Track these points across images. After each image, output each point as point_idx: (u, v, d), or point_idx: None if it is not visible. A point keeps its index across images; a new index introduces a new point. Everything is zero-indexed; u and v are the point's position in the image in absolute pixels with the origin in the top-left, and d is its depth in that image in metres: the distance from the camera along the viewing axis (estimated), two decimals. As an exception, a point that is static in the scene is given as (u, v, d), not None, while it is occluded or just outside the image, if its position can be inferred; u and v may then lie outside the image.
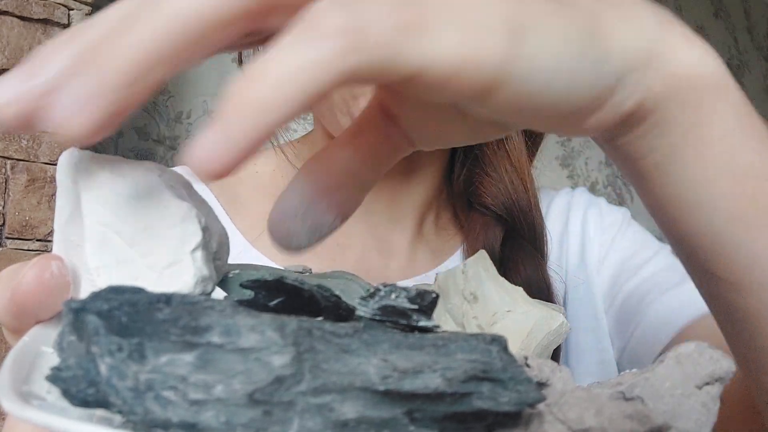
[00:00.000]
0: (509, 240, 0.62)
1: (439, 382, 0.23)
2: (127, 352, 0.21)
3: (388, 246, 0.65)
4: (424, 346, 0.24)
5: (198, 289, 0.28)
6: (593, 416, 0.24)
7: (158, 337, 0.22)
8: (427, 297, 0.27)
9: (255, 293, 0.26)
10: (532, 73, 0.24)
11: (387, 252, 0.65)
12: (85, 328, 0.22)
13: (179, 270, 0.28)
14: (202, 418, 0.21)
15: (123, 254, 0.27)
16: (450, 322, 0.35)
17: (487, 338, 0.25)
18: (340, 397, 0.22)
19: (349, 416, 0.22)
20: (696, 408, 0.27)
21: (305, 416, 0.22)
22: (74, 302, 0.23)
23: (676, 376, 0.28)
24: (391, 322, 0.27)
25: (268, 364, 0.21)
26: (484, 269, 0.35)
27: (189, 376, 0.21)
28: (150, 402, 0.21)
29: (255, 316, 0.23)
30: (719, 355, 0.28)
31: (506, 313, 0.34)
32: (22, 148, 1.23)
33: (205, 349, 0.22)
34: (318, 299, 0.27)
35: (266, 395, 0.21)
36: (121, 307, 0.22)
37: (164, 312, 0.22)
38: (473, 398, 0.23)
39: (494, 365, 0.24)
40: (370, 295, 0.27)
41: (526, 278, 0.59)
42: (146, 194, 0.28)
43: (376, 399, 0.22)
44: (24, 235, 1.22)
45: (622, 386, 0.28)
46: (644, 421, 0.23)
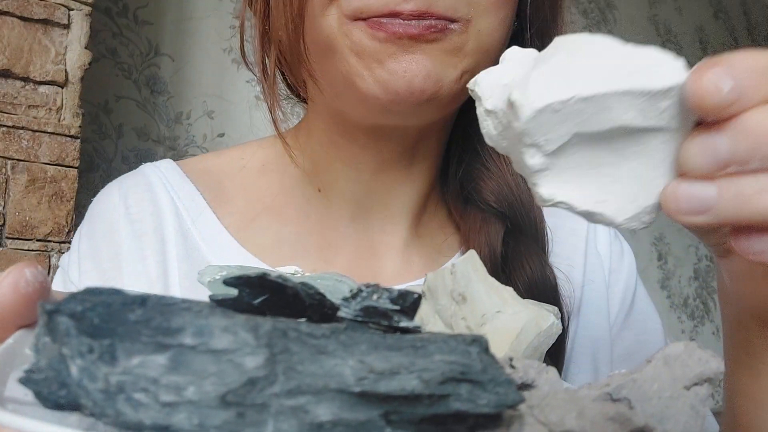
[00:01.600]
0: (510, 237, 0.60)
1: (415, 383, 0.22)
2: (98, 354, 0.21)
3: (382, 247, 0.63)
4: (402, 347, 0.23)
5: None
6: (574, 418, 0.23)
7: (130, 339, 0.21)
8: (409, 298, 0.26)
9: (239, 291, 0.26)
10: None
11: (381, 253, 0.63)
12: (58, 330, 0.22)
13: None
14: (174, 420, 0.21)
15: None
16: (439, 323, 0.35)
17: (467, 339, 0.24)
18: (315, 399, 0.22)
19: (325, 418, 0.21)
20: (684, 410, 0.27)
21: (280, 418, 0.21)
22: (48, 304, 0.23)
23: (664, 378, 0.27)
24: (373, 323, 0.26)
25: (241, 366, 0.21)
26: (473, 269, 0.35)
27: (160, 377, 0.21)
28: (121, 404, 0.21)
29: (229, 317, 0.22)
30: (708, 355, 0.28)
31: (496, 313, 0.34)
32: (22, 148, 1.23)
33: (177, 351, 0.21)
34: (302, 297, 0.26)
35: (239, 397, 0.21)
36: (94, 308, 0.22)
37: (137, 313, 0.22)
38: (451, 400, 0.23)
39: (473, 367, 0.23)
40: (353, 296, 0.27)
41: (531, 277, 0.58)
42: None
43: (352, 401, 0.22)
44: (24, 235, 1.22)
45: (610, 387, 0.28)
46: (626, 423, 0.23)
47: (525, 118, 0.31)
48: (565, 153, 0.32)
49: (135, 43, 1.65)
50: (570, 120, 0.31)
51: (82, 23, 1.30)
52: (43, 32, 1.26)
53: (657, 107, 0.31)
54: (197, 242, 0.61)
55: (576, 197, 0.33)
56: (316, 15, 0.53)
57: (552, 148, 0.32)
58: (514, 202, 0.61)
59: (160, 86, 1.67)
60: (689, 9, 3.06)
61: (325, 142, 0.62)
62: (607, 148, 0.32)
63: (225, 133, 1.74)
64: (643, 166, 0.33)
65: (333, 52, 0.53)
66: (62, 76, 1.27)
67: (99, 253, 0.61)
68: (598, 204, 0.33)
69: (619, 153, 0.33)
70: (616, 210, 0.33)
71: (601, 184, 0.33)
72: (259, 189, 0.66)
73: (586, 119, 0.31)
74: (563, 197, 0.33)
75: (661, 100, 0.31)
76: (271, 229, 0.63)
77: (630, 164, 0.33)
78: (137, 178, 0.65)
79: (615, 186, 0.33)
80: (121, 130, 1.62)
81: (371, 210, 0.63)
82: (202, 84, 1.72)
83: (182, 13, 1.72)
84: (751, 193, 0.28)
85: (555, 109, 0.31)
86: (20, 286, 0.27)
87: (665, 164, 0.32)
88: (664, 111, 0.31)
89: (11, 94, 1.23)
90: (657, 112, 0.31)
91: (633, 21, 2.79)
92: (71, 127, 1.28)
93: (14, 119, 1.22)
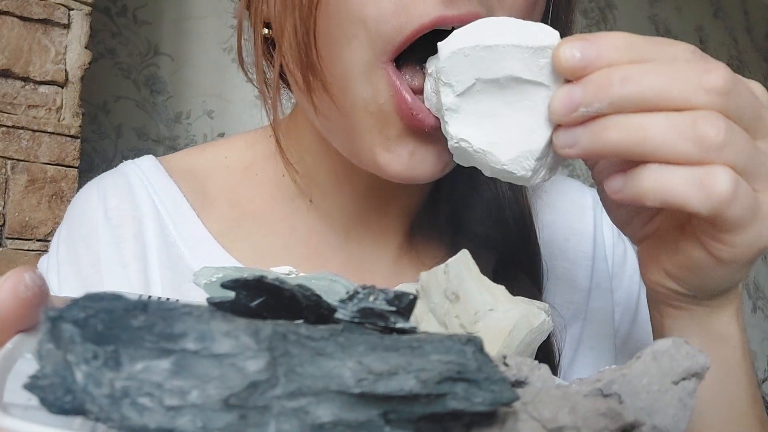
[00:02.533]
0: (501, 270, 0.58)
1: (413, 383, 0.23)
2: (103, 360, 0.22)
3: (373, 259, 0.61)
4: (399, 347, 0.24)
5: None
6: (567, 414, 0.24)
7: (134, 344, 0.22)
8: (405, 299, 0.27)
9: (236, 294, 0.26)
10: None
11: (371, 265, 0.61)
12: (62, 337, 0.22)
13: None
14: (178, 423, 0.21)
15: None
16: (433, 321, 0.35)
17: (463, 339, 0.25)
18: (315, 400, 0.22)
19: (325, 419, 0.22)
20: (672, 403, 0.27)
21: (281, 420, 0.22)
22: (51, 311, 0.23)
23: (652, 372, 0.28)
24: (370, 324, 0.27)
25: (243, 369, 0.22)
26: (466, 268, 0.36)
27: (164, 382, 0.21)
28: (126, 408, 0.21)
29: (230, 321, 0.23)
30: (695, 350, 0.28)
31: (488, 311, 0.35)
32: (22, 149, 1.23)
33: (180, 356, 0.22)
34: (299, 299, 0.27)
35: (241, 400, 0.22)
36: (97, 315, 0.23)
37: (140, 319, 0.23)
38: (448, 399, 0.23)
39: (469, 366, 0.24)
40: (349, 298, 0.28)
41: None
42: None
43: (351, 401, 0.23)
44: (24, 236, 1.23)
45: (601, 383, 0.29)
46: (617, 418, 0.24)
47: (443, 57, 0.41)
48: (470, 98, 0.42)
49: (134, 43, 1.65)
50: (475, 66, 0.41)
51: (82, 23, 1.30)
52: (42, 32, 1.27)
53: (537, 63, 0.40)
54: (180, 249, 0.58)
55: (474, 137, 0.42)
56: (339, 39, 0.47)
57: (461, 89, 0.42)
58: (509, 235, 0.60)
59: (160, 86, 1.67)
60: (689, 8, 3.06)
61: (319, 153, 0.59)
62: (502, 99, 0.41)
63: (225, 132, 1.75)
64: (528, 117, 0.41)
65: (343, 93, 0.49)
66: (62, 76, 1.28)
67: (78, 259, 0.58)
68: (490, 144, 0.42)
69: (511, 105, 0.41)
70: (503, 151, 0.42)
71: (495, 129, 0.42)
72: (244, 193, 0.62)
73: (486, 66, 0.41)
74: (465, 135, 0.42)
75: (539, 57, 0.40)
76: (257, 237, 0.60)
77: (518, 115, 0.41)
78: (117, 179, 0.61)
79: (505, 132, 0.42)
80: (121, 130, 1.62)
81: (364, 222, 0.61)
82: (202, 84, 1.72)
83: (181, 13, 1.72)
84: (598, 130, 0.38)
85: (465, 53, 0.41)
86: (19, 290, 0.27)
87: (544, 117, 0.41)
88: (542, 68, 0.40)
89: (11, 94, 1.23)
90: (537, 67, 0.40)
91: (633, 20, 2.79)
92: (71, 127, 1.29)
93: (14, 119, 1.23)
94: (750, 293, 3.15)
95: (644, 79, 0.37)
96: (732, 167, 0.36)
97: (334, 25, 0.47)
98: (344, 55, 0.47)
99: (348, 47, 0.47)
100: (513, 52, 0.40)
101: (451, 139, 0.43)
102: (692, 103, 0.36)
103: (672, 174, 0.37)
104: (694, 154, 0.36)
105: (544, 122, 0.41)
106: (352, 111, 0.49)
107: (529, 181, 0.42)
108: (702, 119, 0.36)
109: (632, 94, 0.37)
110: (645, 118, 0.37)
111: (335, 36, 0.47)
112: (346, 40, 0.47)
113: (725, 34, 3.22)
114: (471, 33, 0.41)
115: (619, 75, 0.37)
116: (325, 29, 0.48)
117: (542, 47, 0.39)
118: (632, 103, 0.37)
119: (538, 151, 0.41)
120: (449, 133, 0.43)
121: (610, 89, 0.37)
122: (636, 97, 0.37)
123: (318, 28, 0.48)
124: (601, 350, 0.64)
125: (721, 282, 0.43)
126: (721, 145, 0.36)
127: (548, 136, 0.41)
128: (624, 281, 0.67)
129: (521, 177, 0.42)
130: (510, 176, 0.42)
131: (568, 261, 0.65)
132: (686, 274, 0.43)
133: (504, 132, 0.42)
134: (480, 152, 0.42)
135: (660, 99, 0.37)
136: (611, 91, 0.37)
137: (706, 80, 0.36)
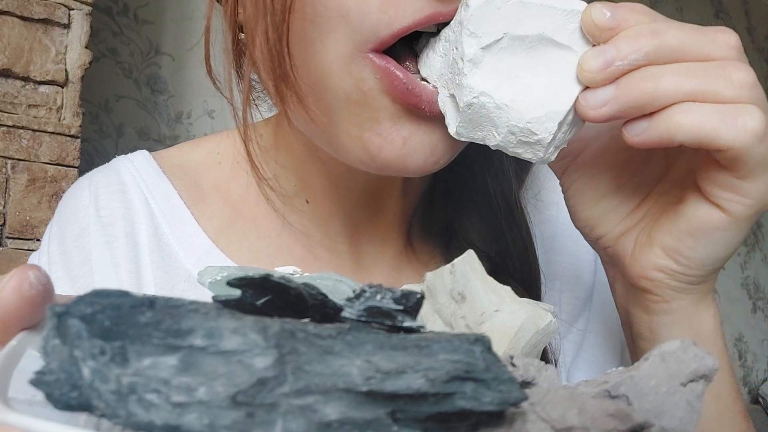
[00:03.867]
0: (496, 279, 0.57)
1: (421, 382, 0.23)
2: (110, 356, 0.22)
3: (369, 263, 0.61)
4: (407, 346, 0.24)
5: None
6: (576, 415, 0.24)
7: (141, 341, 0.22)
8: (412, 298, 0.27)
9: (242, 292, 0.26)
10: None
11: (368, 269, 0.60)
12: (68, 332, 0.22)
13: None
14: (185, 420, 0.21)
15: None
16: (439, 322, 0.35)
17: (471, 338, 0.25)
18: (323, 399, 0.22)
19: (332, 417, 0.22)
20: (680, 405, 0.27)
21: (288, 417, 0.22)
22: (58, 306, 0.23)
23: (660, 374, 0.28)
24: (377, 323, 0.27)
25: (251, 367, 0.22)
26: (471, 269, 0.35)
27: (171, 378, 0.21)
28: (133, 405, 0.21)
29: (238, 319, 0.23)
30: (703, 352, 0.28)
31: (494, 312, 0.35)
32: (23, 148, 1.23)
33: (187, 352, 0.22)
34: (305, 297, 0.27)
35: (249, 397, 0.21)
36: (104, 311, 0.23)
37: (147, 315, 0.22)
38: (456, 398, 0.23)
39: (477, 365, 0.24)
40: (356, 296, 0.27)
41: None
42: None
43: (359, 400, 0.22)
44: (24, 235, 1.23)
45: (608, 384, 0.29)
46: (626, 419, 0.24)
47: (475, 5, 0.40)
48: (494, 53, 0.41)
49: (135, 43, 1.65)
50: (506, 19, 0.40)
51: (83, 22, 1.30)
52: (43, 32, 1.27)
53: (568, 27, 0.40)
54: (173, 248, 0.57)
55: (495, 91, 0.41)
56: (313, 39, 0.45)
57: (487, 42, 0.40)
58: (505, 247, 0.58)
59: (161, 85, 1.67)
60: (690, 9, 3.06)
61: (309, 157, 0.57)
62: (526, 59, 0.41)
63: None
64: (553, 80, 0.41)
65: (322, 93, 0.46)
66: (62, 76, 1.28)
67: (70, 258, 0.57)
68: (513, 101, 0.41)
69: (534, 67, 0.41)
70: (525, 108, 0.41)
71: (518, 87, 0.41)
72: (237, 191, 0.61)
73: (517, 23, 0.40)
74: (485, 89, 0.41)
75: (570, 21, 0.40)
76: (251, 238, 0.59)
77: (541, 77, 0.41)
78: (109, 176, 0.60)
79: (529, 91, 0.41)
80: (122, 129, 1.62)
81: (360, 225, 0.60)
82: (203, 83, 1.72)
83: (183, 12, 1.72)
84: (634, 81, 0.39)
85: (498, 5, 0.40)
86: (24, 288, 0.27)
87: (570, 81, 0.41)
88: (573, 32, 0.40)
89: (11, 93, 1.23)
90: (568, 31, 0.40)
91: (633, 19, 2.78)
92: (71, 126, 1.29)
93: (14, 119, 1.23)
94: (750, 293, 3.15)
95: (670, 33, 0.39)
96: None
97: (309, 25, 0.44)
98: (319, 55, 0.45)
99: (323, 45, 0.44)
100: (546, 11, 0.40)
101: (469, 93, 0.41)
102: (716, 54, 0.40)
103: (705, 109, 0.38)
104: (728, 92, 0.38)
105: (569, 85, 0.41)
106: (334, 108, 0.46)
107: (544, 149, 0.42)
108: (730, 65, 0.39)
109: (664, 44, 0.39)
110: (677, 65, 0.39)
111: (310, 37, 0.45)
112: (321, 38, 0.44)
113: (726, 34, 3.23)
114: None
115: (649, 28, 0.39)
116: (299, 31, 0.45)
117: (574, 11, 0.40)
118: (665, 53, 0.39)
119: (563, 114, 0.41)
120: (468, 86, 0.41)
121: (644, 39, 0.39)
122: (667, 47, 0.39)
123: (291, 33, 0.45)
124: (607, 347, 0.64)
125: (722, 249, 0.44)
126: (752, 84, 0.39)
127: (573, 100, 0.41)
128: None
129: (539, 140, 0.41)
130: (528, 138, 0.41)
131: (572, 256, 0.65)
132: (690, 243, 0.44)
133: (527, 92, 0.41)
134: (503, 107, 0.41)
135: (688, 50, 0.39)
136: (646, 41, 0.39)
137: (720, 37, 0.40)
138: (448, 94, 0.44)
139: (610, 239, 0.49)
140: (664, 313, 0.47)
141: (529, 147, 0.42)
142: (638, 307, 0.49)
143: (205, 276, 0.39)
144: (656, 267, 0.46)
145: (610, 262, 0.51)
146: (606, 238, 0.49)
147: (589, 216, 0.49)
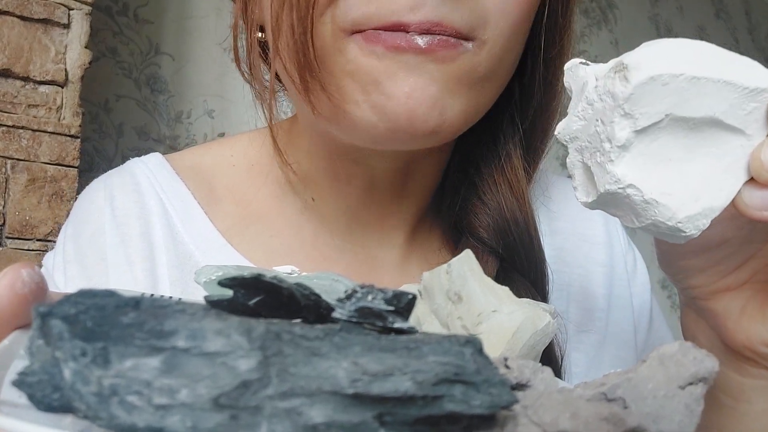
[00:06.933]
0: (504, 276, 0.56)
1: (408, 385, 0.22)
2: (91, 357, 0.21)
3: (378, 261, 0.60)
4: (396, 348, 0.23)
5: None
6: (568, 419, 0.23)
7: (123, 342, 0.21)
8: (404, 299, 0.26)
9: (234, 292, 0.26)
10: None
11: (378, 267, 0.60)
12: (51, 333, 0.22)
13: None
14: (167, 422, 0.21)
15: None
16: (435, 323, 0.35)
17: (461, 340, 0.24)
18: (308, 401, 0.22)
19: (318, 420, 0.22)
20: (679, 409, 0.27)
21: (273, 420, 0.21)
22: (42, 306, 0.23)
23: (659, 377, 0.27)
24: (368, 324, 0.26)
25: (234, 369, 0.21)
26: (469, 269, 0.35)
27: (154, 380, 0.21)
28: (114, 407, 0.21)
29: (223, 320, 0.23)
30: (702, 355, 0.28)
31: (492, 313, 0.34)
32: (23, 148, 1.23)
33: (170, 354, 0.21)
34: (297, 298, 0.26)
35: (232, 400, 0.21)
36: (87, 311, 0.22)
37: (130, 316, 0.22)
38: (445, 401, 0.23)
39: (467, 368, 0.23)
40: (347, 297, 0.27)
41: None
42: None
43: (345, 403, 0.22)
44: (24, 235, 1.22)
45: (605, 387, 0.28)
46: (619, 423, 0.23)
47: (636, 82, 0.33)
48: (649, 137, 0.34)
49: (135, 42, 1.65)
50: (671, 97, 0.33)
51: (82, 22, 1.30)
52: (43, 31, 1.26)
53: (745, 108, 0.34)
54: (189, 247, 0.57)
55: (645, 184, 0.34)
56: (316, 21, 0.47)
57: (644, 124, 0.33)
58: (511, 242, 0.57)
59: (161, 85, 1.67)
60: (690, 8, 3.06)
61: (313, 153, 0.59)
62: (683, 141, 0.34)
63: (225, 132, 1.74)
64: (712, 168, 0.35)
65: (323, 70, 0.48)
66: (62, 76, 1.27)
67: (85, 258, 0.57)
68: (664, 195, 0.34)
69: (693, 151, 0.34)
70: (678, 205, 0.34)
71: (671, 177, 0.35)
72: (250, 193, 0.62)
73: (684, 101, 0.33)
74: (634, 180, 0.34)
75: (750, 101, 0.33)
76: (264, 237, 0.60)
77: (700, 164, 0.35)
78: (124, 177, 0.61)
79: (682, 182, 0.35)
80: (122, 129, 1.62)
81: (367, 224, 0.60)
82: (203, 83, 1.72)
83: (183, 12, 1.72)
84: None
85: (664, 81, 0.33)
86: (17, 287, 0.26)
87: (733, 169, 0.34)
88: (749, 113, 0.34)
89: (11, 93, 1.23)
90: (744, 112, 0.34)
91: (634, 20, 2.78)
92: (71, 126, 1.28)
93: (14, 119, 1.22)
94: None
95: None
96: None
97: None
98: (316, 34, 0.48)
99: (319, 26, 0.47)
100: (723, 89, 0.33)
101: (614, 182, 0.35)
102: None
103: None
104: None
105: (732, 175, 0.35)
106: (331, 85, 0.48)
107: (686, 238, 0.36)
108: None
109: None
110: None
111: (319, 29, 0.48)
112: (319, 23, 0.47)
113: (727, 34, 3.22)
114: (668, 56, 0.33)
115: None
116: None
117: (759, 89, 0.34)
118: None
119: (719, 210, 0.35)
120: (614, 173, 0.35)
121: None
122: None
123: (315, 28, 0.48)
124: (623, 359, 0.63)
125: None
126: None
127: (735, 193, 0.35)
128: (636, 288, 0.66)
129: (687, 236, 0.36)
130: (674, 235, 0.36)
131: (581, 267, 0.64)
132: None
133: (680, 182, 0.35)
134: (650, 203, 0.35)
135: None
136: None
137: None
138: (581, 160, 0.38)
139: (705, 293, 0.44)
140: (763, 378, 0.44)
141: (670, 236, 0.37)
142: (730, 368, 0.45)
143: (201, 276, 0.39)
144: (766, 343, 0.42)
145: (699, 312, 0.46)
146: (700, 291, 0.45)
147: (685, 267, 0.44)
